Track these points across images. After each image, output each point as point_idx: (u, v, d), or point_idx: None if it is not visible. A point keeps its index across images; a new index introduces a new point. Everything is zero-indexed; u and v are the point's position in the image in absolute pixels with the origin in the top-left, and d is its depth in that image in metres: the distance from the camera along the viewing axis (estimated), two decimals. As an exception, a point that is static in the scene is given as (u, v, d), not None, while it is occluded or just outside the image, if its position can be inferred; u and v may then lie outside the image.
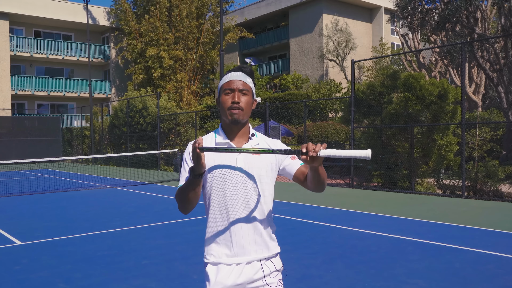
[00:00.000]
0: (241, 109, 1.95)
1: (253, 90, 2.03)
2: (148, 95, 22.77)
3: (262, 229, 2.00)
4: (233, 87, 1.97)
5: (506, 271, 4.75)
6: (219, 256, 1.97)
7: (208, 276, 1.97)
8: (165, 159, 20.99)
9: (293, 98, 26.26)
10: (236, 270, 1.95)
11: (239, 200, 1.96)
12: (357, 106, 12.70)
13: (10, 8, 29.66)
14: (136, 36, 30.32)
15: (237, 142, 2.01)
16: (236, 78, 1.98)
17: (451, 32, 16.32)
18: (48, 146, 26.61)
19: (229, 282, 1.93)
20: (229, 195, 1.96)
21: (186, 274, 4.80)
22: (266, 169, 2.01)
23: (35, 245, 6.28)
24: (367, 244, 6.00)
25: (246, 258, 1.96)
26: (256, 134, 2.08)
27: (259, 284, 1.98)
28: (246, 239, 1.96)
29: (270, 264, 2.02)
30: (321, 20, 30.53)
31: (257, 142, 2.05)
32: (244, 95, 1.98)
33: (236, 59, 37.13)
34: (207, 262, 2.00)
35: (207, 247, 2.02)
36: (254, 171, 1.99)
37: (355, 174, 12.88)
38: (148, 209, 9.31)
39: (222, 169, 1.97)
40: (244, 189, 1.97)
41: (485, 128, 14.22)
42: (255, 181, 1.99)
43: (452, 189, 11.09)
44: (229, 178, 1.96)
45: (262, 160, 2.01)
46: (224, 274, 1.94)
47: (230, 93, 1.97)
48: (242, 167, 1.97)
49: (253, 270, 1.97)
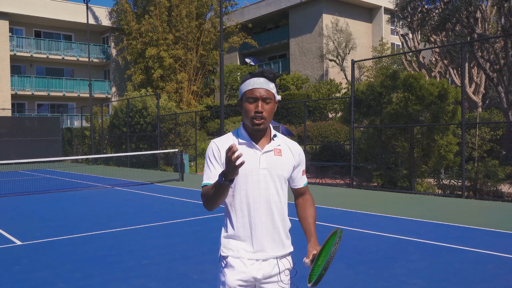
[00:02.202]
0: (264, 118, 2.01)
1: (275, 95, 2.08)
2: (148, 95, 22.77)
3: (280, 228, 2.08)
4: (256, 95, 2.00)
5: (506, 271, 4.75)
6: (238, 251, 2.03)
7: (230, 265, 2.02)
8: (165, 159, 20.99)
9: (293, 98, 26.26)
10: (255, 264, 2.02)
11: (261, 199, 2.03)
12: (357, 106, 12.70)
13: (10, 8, 29.66)
14: (136, 36, 30.32)
15: (260, 142, 2.08)
16: (259, 86, 2.01)
17: (451, 32, 16.32)
18: (48, 146, 26.61)
19: (250, 274, 2.00)
20: (251, 194, 2.02)
21: (186, 274, 4.80)
22: (287, 170, 2.10)
23: (35, 245, 6.28)
24: (367, 244, 6.00)
25: (264, 255, 2.03)
26: (277, 135, 2.15)
27: (273, 280, 2.06)
28: (265, 237, 2.03)
29: (285, 262, 2.11)
30: (321, 20, 30.53)
31: (278, 143, 2.12)
32: (267, 103, 2.02)
33: (236, 59, 37.14)
34: (226, 255, 2.04)
35: (225, 242, 2.06)
36: (276, 172, 2.06)
37: (355, 174, 12.88)
38: (148, 209, 9.31)
39: (245, 168, 2.01)
40: (266, 188, 2.04)
41: (485, 128, 14.22)
42: (276, 181, 2.06)
43: (452, 189, 11.09)
44: (252, 177, 2.02)
45: (285, 162, 2.10)
46: (244, 266, 2.01)
47: (253, 102, 2.01)
48: (265, 167, 2.04)
49: (270, 267, 2.05)
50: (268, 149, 2.06)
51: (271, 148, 2.07)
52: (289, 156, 2.11)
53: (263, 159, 2.04)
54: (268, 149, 2.06)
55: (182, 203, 10.04)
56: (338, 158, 16.36)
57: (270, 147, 2.07)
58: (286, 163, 2.09)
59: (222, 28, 16.80)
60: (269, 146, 2.07)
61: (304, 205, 2.21)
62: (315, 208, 2.24)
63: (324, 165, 16.36)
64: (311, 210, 2.21)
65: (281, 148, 2.11)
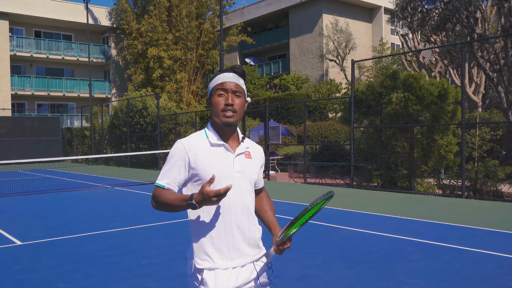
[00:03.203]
0: (234, 111, 1.94)
1: (245, 92, 2.02)
2: (148, 95, 22.78)
3: (256, 231, 2.02)
4: (226, 87, 1.94)
5: (506, 271, 4.75)
6: (215, 261, 1.92)
7: (206, 282, 1.90)
8: (165, 159, 20.84)
9: (293, 98, 26.26)
10: (233, 273, 1.93)
11: (237, 203, 1.95)
12: (357, 106, 12.70)
13: (10, 8, 29.65)
14: (136, 37, 30.32)
15: (231, 144, 2.01)
16: (229, 79, 1.95)
17: (451, 32, 16.32)
18: (48, 146, 26.61)
19: (229, 286, 1.91)
20: (227, 198, 1.92)
21: (186, 274, 4.79)
22: (257, 172, 2.07)
23: (35, 245, 6.28)
24: (367, 244, 6.00)
25: (242, 261, 1.96)
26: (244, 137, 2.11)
27: (252, 285, 1.99)
28: (242, 242, 1.96)
29: (261, 264, 2.04)
30: (321, 20, 30.53)
31: (247, 145, 2.07)
32: (238, 97, 1.96)
33: (236, 59, 37.13)
34: (201, 268, 1.93)
35: (199, 252, 1.95)
36: (248, 174, 2.01)
37: (355, 174, 12.88)
38: (148, 209, 9.31)
39: (220, 171, 1.93)
40: (240, 192, 1.96)
41: (485, 128, 14.22)
42: (248, 184, 2.01)
43: (452, 189, 11.09)
44: (227, 181, 1.93)
45: (254, 164, 2.06)
46: (223, 279, 1.91)
47: (224, 95, 1.94)
48: (239, 170, 1.97)
49: (248, 272, 1.98)
50: (240, 152, 2.00)
51: (242, 151, 2.01)
52: (256, 158, 2.07)
53: (237, 162, 1.97)
54: (240, 152, 2.00)
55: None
56: (338, 158, 16.36)
57: (241, 149, 2.01)
58: (255, 166, 2.05)
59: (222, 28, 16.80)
60: (240, 148, 2.00)
61: (261, 200, 2.19)
62: (272, 202, 2.23)
63: (324, 165, 16.36)
64: (269, 202, 2.20)
65: (250, 150, 2.06)
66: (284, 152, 19.56)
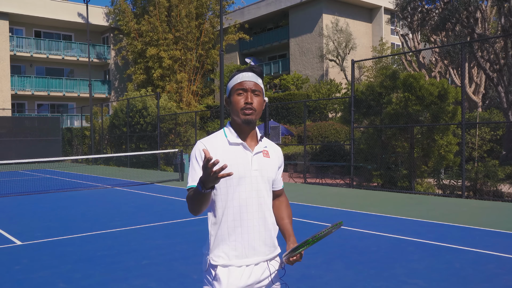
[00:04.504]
0: (254, 109, 1.98)
1: (263, 91, 2.06)
2: (148, 95, 22.77)
3: (272, 230, 2.05)
4: (245, 87, 1.98)
5: (506, 271, 4.75)
6: (229, 258, 1.96)
7: (219, 278, 1.94)
8: (165, 159, 20.99)
9: (293, 98, 26.26)
10: (246, 271, 1.97)
11: (254, 202, 1.99)
12: (357, 106, 12.70)
13: (10, 8, 29.66)
14: (135, 36, 30.32)
15: (249, 143, 2.04)
16: (248, 79, 2.00)
17: (451, 32, 16.32)
18: (48, 146, 26.61)
19: (241, 284, 1.94)
20: (244, 197, 1.97)
21: (186, 274, 4.80)
22: (274, 172, 2.09)
23: (35, 245, 6.28)
24: (367, 244, 6.00)
25: (256, 259, 1.99)
26: (263, 136, 2.14)
27: (264, 283, 2.02)
28: (257, 240, 1.99)
29: (275, 264, 2.07)
30: (321, 20, 30.53)
31: (265, 144, 2.10)
32: (256, 95, 2.00)
33: (236, 59, 37.13)
34: (215, 264, 1.97)
35: (214, 248, 1.99)
36: (266, 173, 2.04)
37: (355, 174, 12.88)
38: (148, 209, 9.31)
39: (238, 170, 1.96)
40: (257, 190, 2.00)
41: (485, 128, 14.22)
42: (266, 183, 2.04)
43: (452, 189, 11.09)
44: (245, 179, 1.97)
45: (272, 164, 2.08)
46: (236, 276, 1.94)
47: (243, 94, 1.99)
48: (257, 169, 2.01)
49: (261, 270, 2.01)
50: (258, 150, 2.04)
51: (260, 150, 2.05)
52: (274, 158, 2.10)
53: (255, 160, 2.01)
54: (258, 150, 2.04)
55: (182, 203, 10.04)
56: (338, 158, 16.36)
57: (259, 148, 2.04)
58: (273, 165, 2.08)
59: (222, 28, 16.80)
60: (258, 147, 2.04)
61: (280, 206, 2.20)
62: (291, 209, 2.24)
63: (324, 165, 16.36)
64: (288, 210, 2.21)
65: (268, 149, 2.09)
66: (284, 152, 19.57)
